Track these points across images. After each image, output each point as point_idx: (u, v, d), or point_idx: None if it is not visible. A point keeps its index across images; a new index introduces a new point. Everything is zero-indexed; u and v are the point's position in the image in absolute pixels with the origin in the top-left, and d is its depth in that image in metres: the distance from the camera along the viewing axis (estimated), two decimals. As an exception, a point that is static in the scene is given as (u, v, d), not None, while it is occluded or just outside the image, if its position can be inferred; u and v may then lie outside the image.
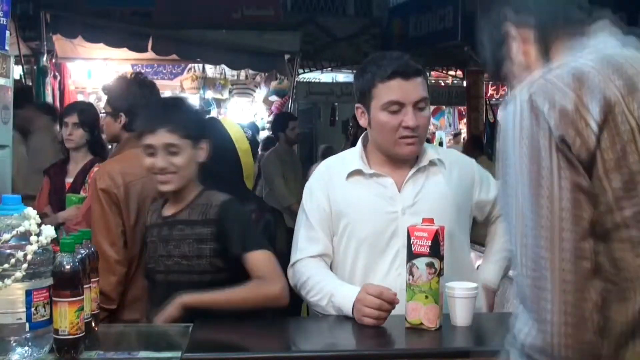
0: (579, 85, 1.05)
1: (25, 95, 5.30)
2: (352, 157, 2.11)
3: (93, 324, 1.74)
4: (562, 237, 1.00)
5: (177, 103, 2.24)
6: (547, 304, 0.99)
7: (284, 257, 2.12)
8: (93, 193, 2.42)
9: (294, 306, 2.30)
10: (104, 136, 3.69)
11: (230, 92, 8.46)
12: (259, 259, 2.00)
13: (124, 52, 6.64)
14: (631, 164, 1.04)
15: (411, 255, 1.79)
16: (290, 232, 2.24)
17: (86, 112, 3.62)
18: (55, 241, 1.60)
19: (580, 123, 1.03)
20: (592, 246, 1.01)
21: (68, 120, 3.56)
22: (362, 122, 2.07)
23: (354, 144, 2.19)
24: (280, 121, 6.06)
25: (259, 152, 5.53)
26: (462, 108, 10.64)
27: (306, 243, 2.07)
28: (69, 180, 3.48)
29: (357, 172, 2.05)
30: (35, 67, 6.51)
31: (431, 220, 1.82)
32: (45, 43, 6.24)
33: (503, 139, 1.09)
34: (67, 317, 1.53)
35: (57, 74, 6.79)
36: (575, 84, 1.06)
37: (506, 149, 1.08)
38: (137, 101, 2.59)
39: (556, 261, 0.99)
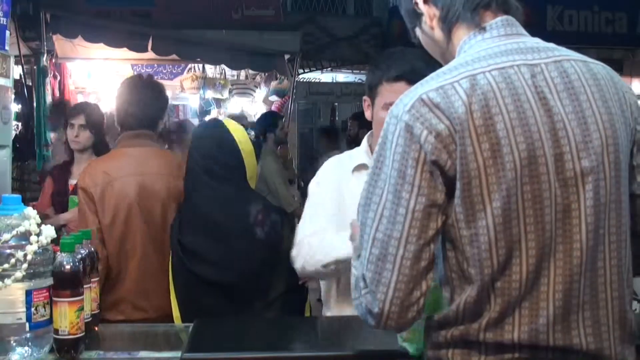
0: (450, 112, 1.18)
1: None
2: (358, 153, 2.18)
3: (93, 324, 1.74)
4: (409, 241, 1.18)
5: None
6: (384, 288, 1.19)
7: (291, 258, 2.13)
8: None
9: (300, 304, 2.30)
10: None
11: (230, 92, 8.44)
12: None
13: (124, 52, 6.63)
14: (474, 194, 1.18)
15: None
16: None
17: (93, 113, 3.58)
18: (55, 241, 1.60)
19: (451, 146, 1.17)
20: (432, 250, 1.20)
21: (74, 121, 3.51)
22: (367, 114, 2.13)
23: (351, 146, 2.24)
24: (269, 121, 5.87)
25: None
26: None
27: (309, 229, 2.10)
28: (73, 181, 3.43)
29: (363, 167, 2.10)
30: (35, 67, 6.49)
31: None
32: (45, 43, 6.22)
33: (382, 143, 1.24)
34: (67, 317, 1.53)
35: (57, 74, 6.77)
36: (448, 111, 1.18)
37: (384, 154, 1.23)
38: (131, 102, 2.60)
39: (398, 259, 1.18)
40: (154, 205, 2.46)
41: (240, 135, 2.33)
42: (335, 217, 2.06)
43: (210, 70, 8.20)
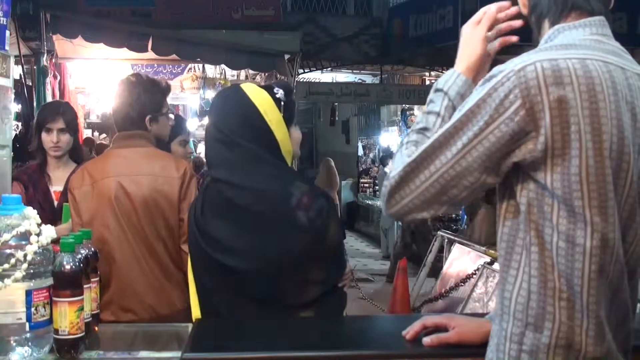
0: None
1: None
2: None
3: (93, 324, 1.74)
4: None
5: None
6: None
7: (339, 245, 1.97)
8: None
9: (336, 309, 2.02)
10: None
11: (230, 92, 8.45)
12: None
13: (124, 52, 6.64)
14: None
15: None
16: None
17: (69, 114, 3.22)
18: (55, 241, 1.60)
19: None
20: None
21: (53, 126, 3.12)
22: None
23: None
24: None
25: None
26: (462, 108, 10.62)
27: None
28: (56, 188, 3.15)
29: None
30: (35, 67, 6.51)
31: None
32: (45, 43, 6.23)
33: None
34: (67, 317, 1.53)
35: (57, 74, 6.78)
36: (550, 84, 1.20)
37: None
38: (123, 103, 2.56)
39: None
40: (135, 207, 2.40)
41: (263, 103, 1.98)
42: None
43: (210, 70, 8.22)
